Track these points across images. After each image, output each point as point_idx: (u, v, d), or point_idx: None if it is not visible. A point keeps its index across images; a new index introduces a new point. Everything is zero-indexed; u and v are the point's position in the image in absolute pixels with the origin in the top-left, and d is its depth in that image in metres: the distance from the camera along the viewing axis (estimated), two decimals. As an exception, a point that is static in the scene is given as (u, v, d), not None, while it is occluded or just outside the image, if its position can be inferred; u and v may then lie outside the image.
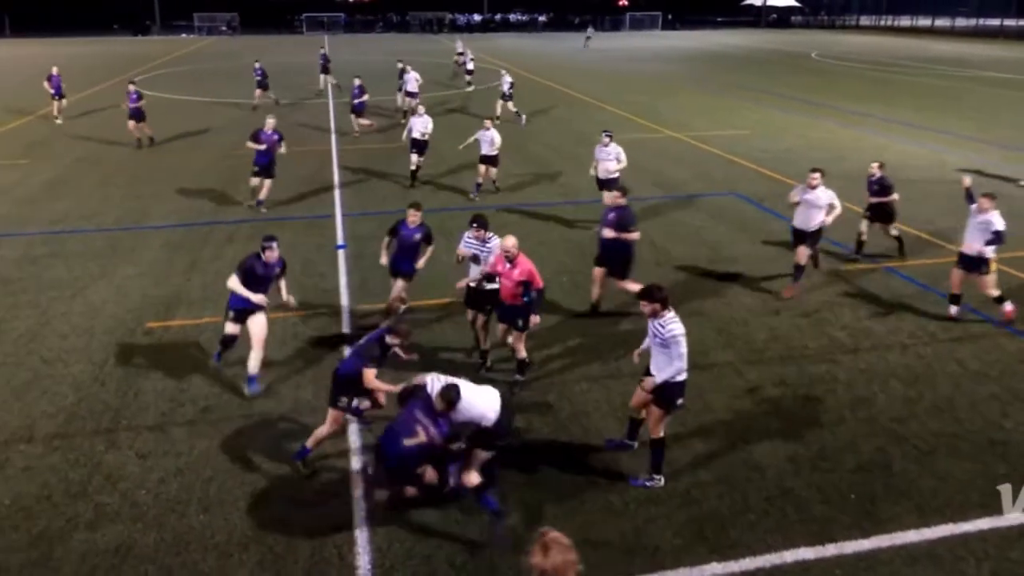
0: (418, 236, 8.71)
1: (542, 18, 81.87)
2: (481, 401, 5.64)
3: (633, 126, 22.26)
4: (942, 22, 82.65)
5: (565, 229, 12.74)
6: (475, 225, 8.04)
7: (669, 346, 5.91)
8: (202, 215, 13.47)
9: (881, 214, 10.97)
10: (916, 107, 26.04)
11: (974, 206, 9.01)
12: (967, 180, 9.73)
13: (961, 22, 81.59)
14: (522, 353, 7.59)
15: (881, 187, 10.88)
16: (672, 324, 5.92)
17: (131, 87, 19.00)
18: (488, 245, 7.97)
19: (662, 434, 6.10)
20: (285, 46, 54.34)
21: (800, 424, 7.03)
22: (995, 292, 8.95)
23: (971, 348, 8.49)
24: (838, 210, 9.65)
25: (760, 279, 10.51)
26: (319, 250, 11.63)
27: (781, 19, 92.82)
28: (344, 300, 9.83)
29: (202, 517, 5.79)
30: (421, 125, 15.07)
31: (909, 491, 6.10)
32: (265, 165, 13.46)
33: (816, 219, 9.67)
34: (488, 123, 14.33)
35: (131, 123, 18.98)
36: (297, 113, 24.47)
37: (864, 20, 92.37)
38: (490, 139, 14.10)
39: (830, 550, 5.48)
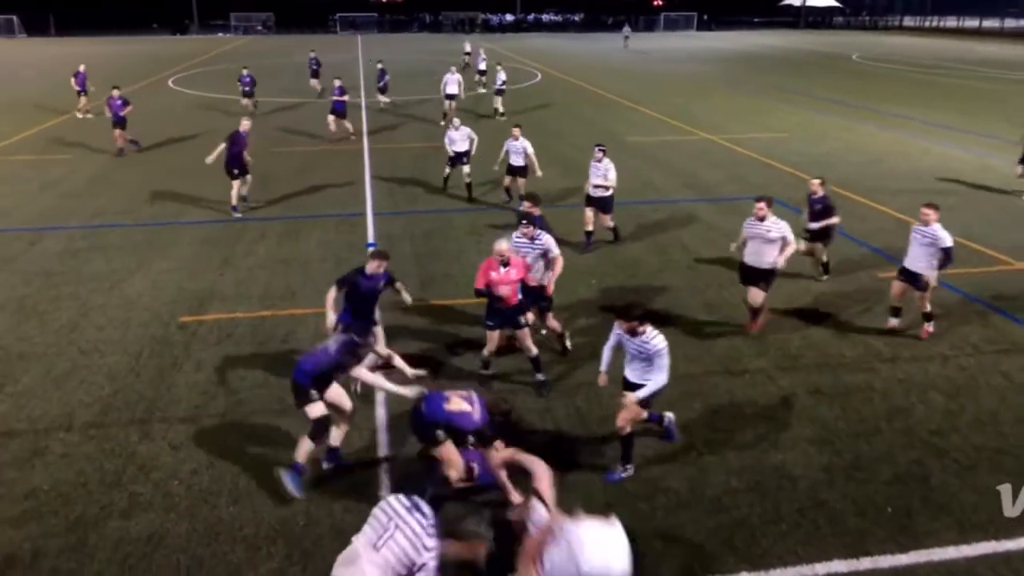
0: (381, 284, 7.51)
1: (575, 18, 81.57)
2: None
3: (667, 128, 22.04)
4: (990, 23, 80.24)
5: (594, 230, 12.63)
6: (523, 222, 7.97)
7: (652, 360, 5.95)
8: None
9: (821, 236, 10.02)
10: (960, 110, 25.33)
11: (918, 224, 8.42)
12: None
13: (1011, 23, 79.17)
14: (533, 350, 7.51)
15: (824, 207, 9.91)
16: (655, 339, 5.95)
17: (115, 92, 18.02)
18: (537, 242, 7.95)
19: (629, 430, 6.16)
20: (319, 45, 55.02)
21: (834, 434, 6.86)
22: (928, 308, 8.57)
23: (1018, 360, 8.20)
24: (792, 247, 8.40)
25: (794, 284, 10.29)
26: (350, 248, 11.72)
27: (821, 20, 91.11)
28: (374, 298, 9.87)
29: (232, 509, 5.87)
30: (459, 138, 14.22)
31: (949, 506, 5.91)
32: (241, 166, 13.37)
33: (767, 255, 8.39)
34: (516, 131, 13.23)
35: (116, 131, 17.92)
36: (328, 111, 24.72)
37: (908, 21, 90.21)
38: (520, 149, 13.14)
39: (864, 564, 5.34)
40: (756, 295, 8.55)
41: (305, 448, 6.04)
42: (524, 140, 13.14)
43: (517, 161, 13.25)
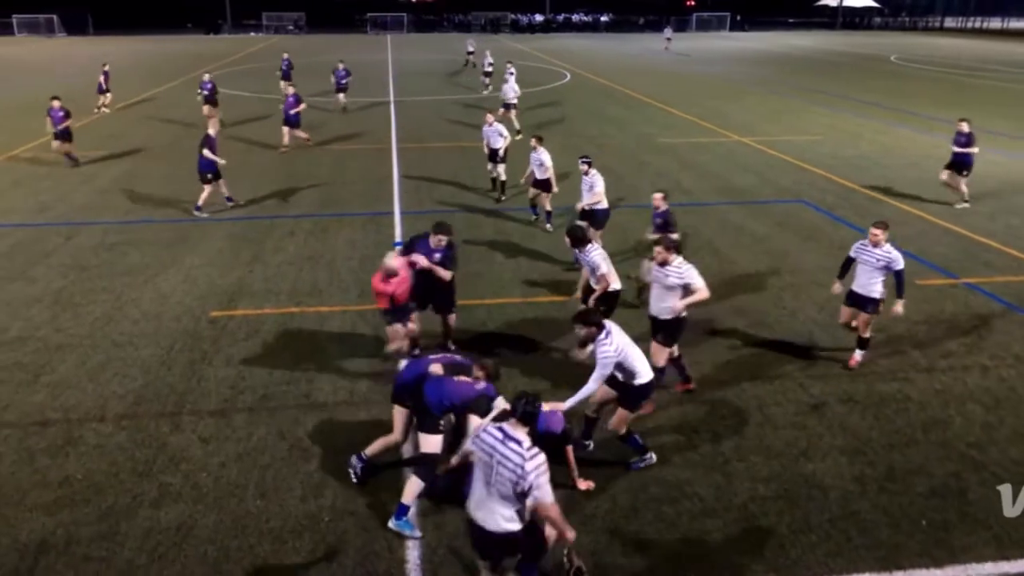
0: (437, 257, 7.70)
1: (605, 18, 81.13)
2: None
3: (698, 130, 21.80)
4: (1037, 24, 78.03)
5: (623, 232, 12.53)
6: (568, 240, 8.06)
7: (600, 367, 5.89)
8: (265, 209, 13.85)
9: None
10: (1003, 114, 24.63)
11: (856, 246, 7.89)
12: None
13: (1058, 24, 76.90)
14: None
15: (665, 223, 9.36)
16: (604, 347, 5.89)
17: (55, 103, 16.33)
18: (588, 257, 7.88)
19: (625, 431, 6.23)
20: (350, 45, 55.55)
21: (868, 444, 6.70)
22: (867, 334, 7.89)
23: (1060, 372, 7.93)
24: (699, 295, 6.99)
25: (827, 290, 10.07)
26: (377, 247, 11.78)
27: (858, 20, 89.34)
28: (401, 296, 9.91)
29: (259, 502, 5.93)
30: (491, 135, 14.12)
31: (987, 520, 5.72)
32: (214, 170, 13.20)
33: (667, 304, 7.09)
34: (534, 142, 12.35)
35: (55, 143, 16.61)
36: (359, 111, 24.96)
37: (949, 21, 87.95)
38: (539, 161, 12.16)
39: (897, 578, 5.20)
40: (660, 353, 7.21)
41: (414, 489, 5.57)
42: (543, 151, 12.23)
43: (539, 174, 12.32)
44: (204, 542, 5.50)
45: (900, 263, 7.63)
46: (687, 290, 7.01)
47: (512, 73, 22.22)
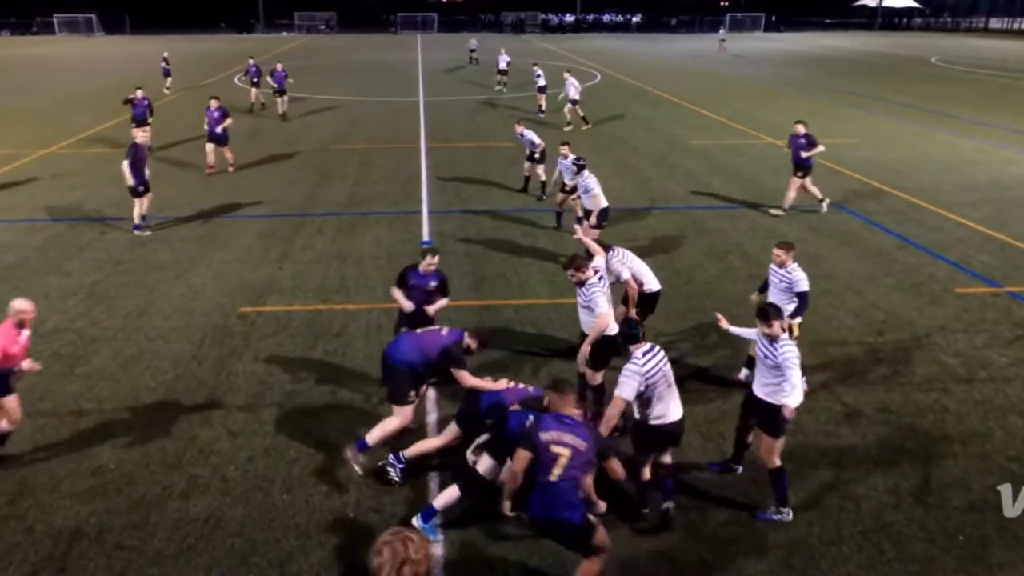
0: (433, 284, 7.28)
1: (635, 18, 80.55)
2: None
3: (729, 131, 21.52)
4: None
5: (651, 234, 12.42)
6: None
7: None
8: (294, 207, 13.99)
9: None
10: (1048, 118, 23.89)
11: (772, 267, 7.33)
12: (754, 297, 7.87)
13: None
14: None
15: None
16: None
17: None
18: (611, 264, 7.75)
19: (778, 463, 5.63)
20: (380, 45, 56.02)
21: (903, 455, 6.52)
22: None
23: (1107, 385, 7.64)
24: (601, 327, 6.57)
25: (862, 296, 9.87)
26: (404, 245, 11.83)
27: (898, 21, 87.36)
28: (428, 295, 9.93)
29: (285, 497, 5.97)
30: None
31: (1028, 538, 5.53)
32: (146, 181, 12.25)
33: (588, 324, 6.84)
34: (565, 149, 12.10)
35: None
36: (387, 110, 25.12)
37: (994, 22, 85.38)
38: (569, 167, 11.61)
39: (933, 594, 5.05)
40: (594, 376, 6.90)
41: (449, 498, 5.50)
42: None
43: (570, 180, 11.86)
44: (231, 534, 5.56)
45: (803, 285, 7.07)
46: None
47: (539, 75, 22.39)
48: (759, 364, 5.80)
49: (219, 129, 15.95)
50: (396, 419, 6.24)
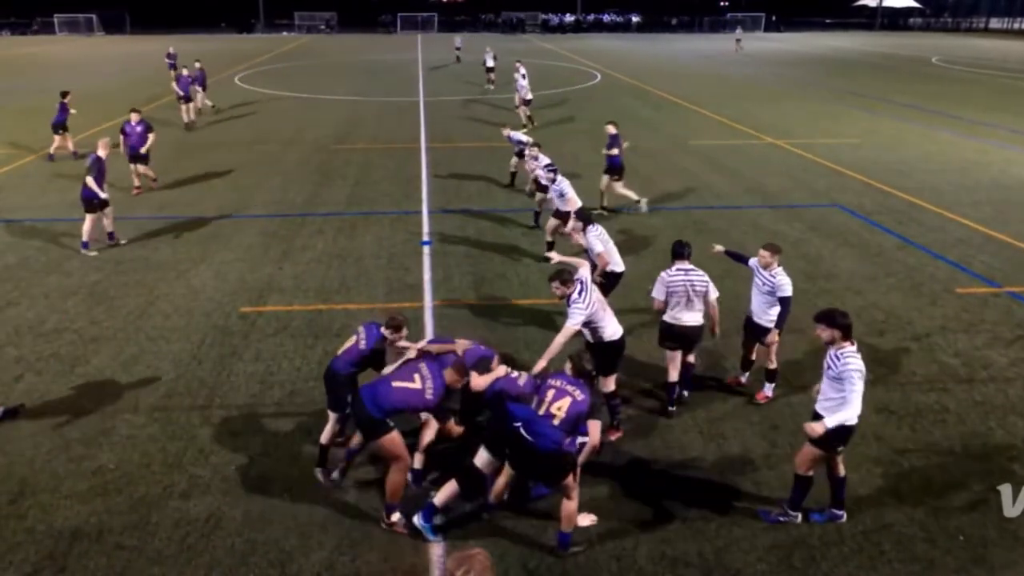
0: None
1: (636, 19, 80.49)
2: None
3: (731, 132, 21.51)
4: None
5: (652, 235, 12.41)
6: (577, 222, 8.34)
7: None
8: (295, 207, 13.99)
9: None
10: (1050, 118, 23.88)
11: (753, 260, 7.21)
12: (718, 248, 8.07)
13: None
14: None
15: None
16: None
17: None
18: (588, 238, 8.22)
19: (810, 473, 5.51)
20: (380, 45, 56.03)
21: (904, 455, 6.52)
22: (772, 364, 7.23)
23: (1108, 386, 7.63)
24: (567, 335, 6.41)
25: (862, 296, 9.87)
26: (404, 245, 11.83)
27: (898, 21, 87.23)
28: (427, 294, 9.94)
29: (285, 497, 5.97)
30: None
31: (1029, 538, 5.52)
32: (99, 197, 11.40)
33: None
34: (535, 151, 12.33)
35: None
36: (388, 109, 25.13)
37: (994, 22, 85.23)
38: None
39: (933, 594, 5.05)
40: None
41: (448, 494, 5.51)
42: (545, 159, 12.17)
43: (544, 178, 11.97)
44: (231, 534, 5.56)
45: (786, 290, 6.86)
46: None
47: (524, 75, 22.90)
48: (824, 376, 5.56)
49: (143, 150, 14.33)
50: (430, 429, 6.17)
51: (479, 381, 5.98)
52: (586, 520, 5.64)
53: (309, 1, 73.71)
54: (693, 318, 6.90)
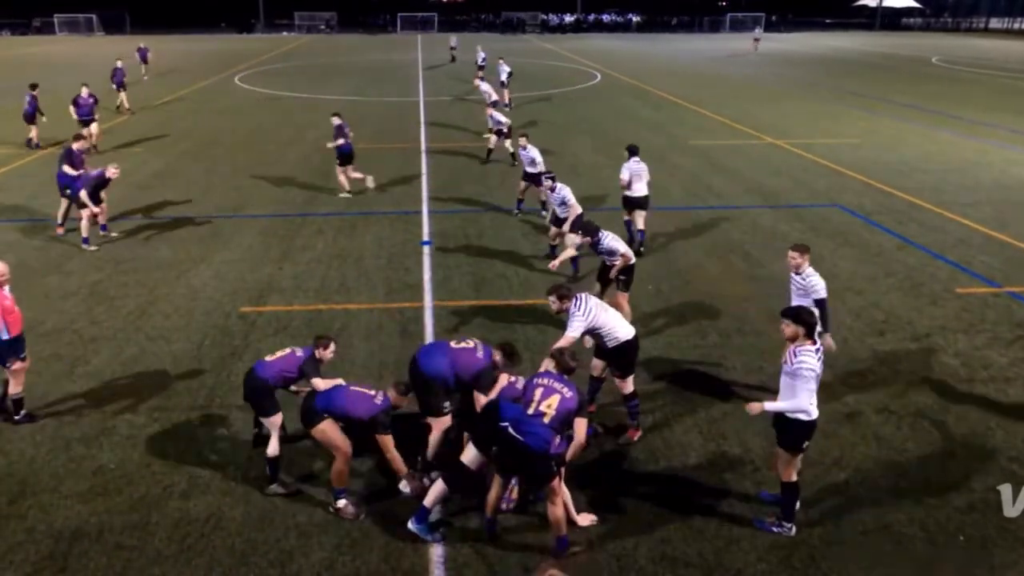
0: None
1: (636, 18, 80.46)
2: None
3: (731, 132, 21.51)
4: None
5: (652, 234, 12.40)
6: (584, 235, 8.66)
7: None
8: (295, 207, 13.99)
9: None
10: (1050, 119, 23.87)
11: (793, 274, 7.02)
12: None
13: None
14: None
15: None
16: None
17: (84, 91, 17.10)
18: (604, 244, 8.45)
19: (793, 479, 5.50)
20: (381, 44, 56.01)
21: (904, 455, 6.52)
22: None
23: (1108, 385, 7.63)
24: (566, 343, 6.36)
25: (862, 296, 9.87)
26: (405, 245, 11.83)
27: (898, 21, 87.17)
28: (427, 295, 9.93)
29: (285, 496, 5.96)
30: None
31: (1029, 539, 5.52)
32: (75, 187, 11.48)
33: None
34: (523, 141, 13.29)
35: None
36: (388, 109, 25.12)
37: (994, 22, 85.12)
38: (529, 159, 12.98)
39: (934, 594, 5.05)
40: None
41: (437, 494, 5.53)
42: (533, 149, 13.01)
43: (531, 169, 12.99)
44: (231, 534, 5.56)
45: (820, 291, 6.75)
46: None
47: (506, 72, 24.50)
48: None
49: (86, 192, 12.14)
50: (437, 431, 6.15)
51: (485, 399, 5.93)
52: (586, 520, 5.65)
53: (309, 1, 73.69)
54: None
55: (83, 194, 11.30)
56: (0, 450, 6.52)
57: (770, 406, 5.39)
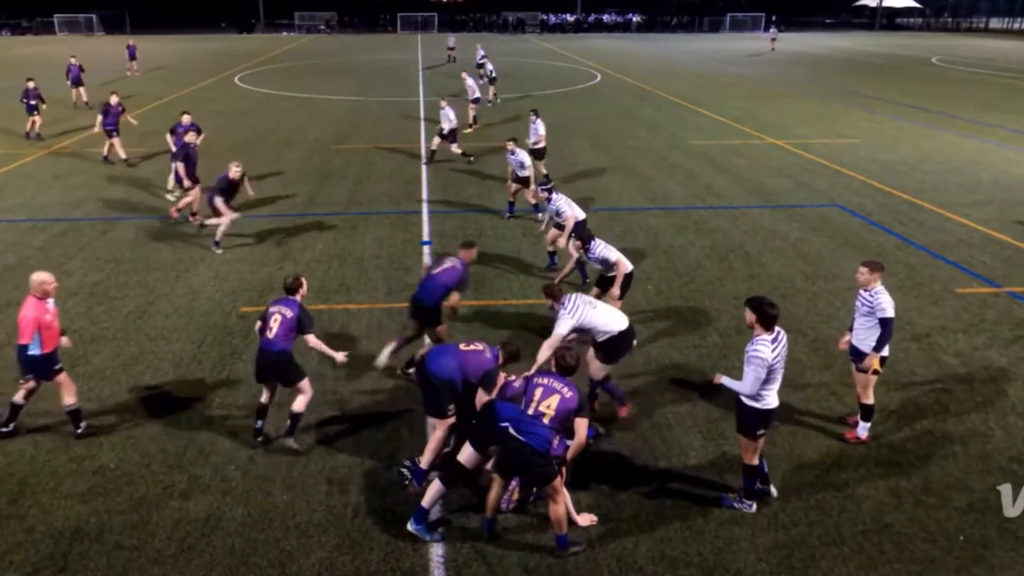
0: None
1: (636, 18, 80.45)
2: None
3: (731, 132, 21.51)
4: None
5: (652, 235, 12.42)
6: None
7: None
8: (295, 207, 13.99)
9: None
10: (1050, 118, 23.87)
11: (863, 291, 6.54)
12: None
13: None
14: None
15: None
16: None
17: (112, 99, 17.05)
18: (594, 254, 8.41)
19: (754, 462, 5.70)
20: (380, 44, 56.00)
21: (903, 455, 6.52)
22: (867, 399, 6.57)
23: (1108, 385, 7.63)
24: (552, 343, 6.51)
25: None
26: (405, 245, 11.83)
27: (898, 21, 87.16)
28: (428, 295, 9.91)
29: (285, 497, 5.97)
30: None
31: (1029, 538, 5.52)
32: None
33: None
34: (511, 145, 12.91)
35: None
36: (388, 110, 25.13)
37: (994, 23, 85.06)
38: (518, 163, 12.77)
39: (934, 595, 5.05)
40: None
41: (435, 494, 5.55)
42: (521, 152, 12.83)
43: (521, 172, 12.89)
44: (231, 534, 5.56)
45: (888, 311, 6.32)
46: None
47: (490, 70, 25.19)
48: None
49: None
50: (439, 433, 6.09)
51: (487, 398, 5.93)
52: (586, 520, 5.65)
53: (309, 1, 73.70)
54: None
55: (218, 201, 11.29)
56: (0, 450, 6.53)
57: (725, 380, 5.72)
